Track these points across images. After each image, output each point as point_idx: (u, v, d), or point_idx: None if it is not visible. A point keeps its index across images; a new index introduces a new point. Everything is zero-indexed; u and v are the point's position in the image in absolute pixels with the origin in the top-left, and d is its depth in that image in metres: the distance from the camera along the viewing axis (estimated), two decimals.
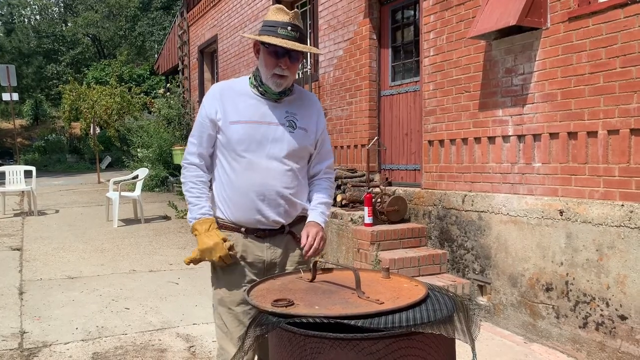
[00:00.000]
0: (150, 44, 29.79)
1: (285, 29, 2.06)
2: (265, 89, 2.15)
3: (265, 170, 2.13)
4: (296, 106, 2.22)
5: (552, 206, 3.83)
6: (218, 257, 2.08)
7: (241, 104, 2.16)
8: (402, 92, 5.92)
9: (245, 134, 2.12)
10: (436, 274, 4.78)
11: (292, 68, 2.12)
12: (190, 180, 2.20)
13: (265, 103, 2.17)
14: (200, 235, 2.09)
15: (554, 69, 3.87)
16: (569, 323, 3.71)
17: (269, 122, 2.15)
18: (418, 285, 1.79)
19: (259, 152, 2.12)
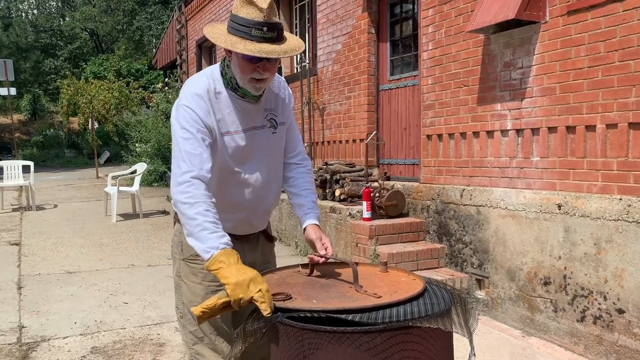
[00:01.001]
0: (148, 38, 29.70)
1: (260, 29, 1.76)
2: (244, 92, 1.92)
3: (257, 182, 1.98)
4: (271, 99, 2.04)
5: (550, 200, 3.83)
6: (258, 292, 1.56)
7: (227, 111, 1.91)
8: (400, 87, 5.91)
9: (237, 147, 1.92)
10: (434, 268, 4.79)
11: (271, 69, 1.87)
12: (203, 200, 1.75)
13: (247, 105, 1.95)
14: (228, 269, 1.62)
15: (552, 63, 3.86)
16: (567, 317, 3.72)
17: (253, 128, 1.96)
18: (416, 279, 1.79)
19: (251, 163, 1.96)
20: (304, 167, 2.15)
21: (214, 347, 2.04)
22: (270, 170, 2.03)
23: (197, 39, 12.73)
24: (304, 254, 6.25)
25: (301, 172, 2.14)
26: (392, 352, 1.39)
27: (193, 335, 2.06)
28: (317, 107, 7.27)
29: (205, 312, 1.61)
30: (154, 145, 13.20)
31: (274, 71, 1.89)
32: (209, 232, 1.70)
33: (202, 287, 2.02)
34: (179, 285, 2.12)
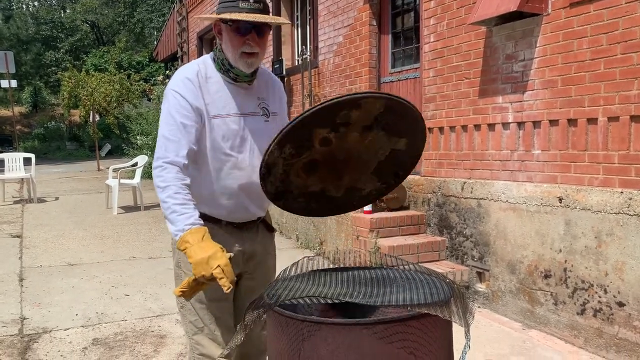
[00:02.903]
0: (149, 30, 29.64)
1: (247, 1, 1.85)
2: (237, 72, 1.94)
3: (250, 168, 1.99)
4: (263, 90, 2.07)
5: (551, 193, 3.83)
6: (217, 268, 1.65)
7: (218, 95, 1.95)
8: (402, 79, 5.89)
9: (228, 130, 1.94)
10: (435, 261, 4.80)
11: (261, 44, 1.92)
12: (173, 183, 1.82)
13: (239, 91, 1.98)
14: (192, 247, 1.71)
15: (554, 56, 3.84)
16: (567, 310, 3.73)
17: (247, 114, 1.98)
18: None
19: (243, 148, 1.98)
20: None
21: (213, 337, 2.06)
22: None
23: (198, 31, 12.70)
24: (304, 246, 6.26)
25: None
26: (391, 342, 1.39)
27: (193, 325, 2.08)
28: (318, 99, 7.26)
29: (184, 292, 1.73)
30: (155, 138, 13.18)
31: (263, 46, 1.94)
32: (177, 215, 1.78)
33: None
34: (179, 275, 2.14)
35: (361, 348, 1.39)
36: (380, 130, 1.84)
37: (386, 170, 1.99)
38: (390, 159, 1.95)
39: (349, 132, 1.79)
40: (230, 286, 1.65)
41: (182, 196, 1.81)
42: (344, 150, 1.85)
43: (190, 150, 1.88)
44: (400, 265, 1.89)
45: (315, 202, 2.01)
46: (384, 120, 1.80)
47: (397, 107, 1.78)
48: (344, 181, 1.98)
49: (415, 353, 1.42)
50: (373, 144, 1.87)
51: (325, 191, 1.99)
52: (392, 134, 1.87)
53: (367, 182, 2.02)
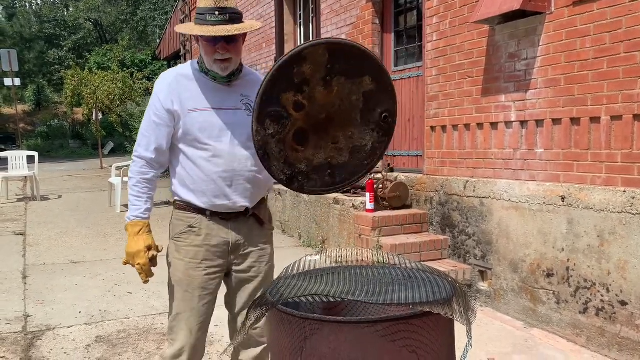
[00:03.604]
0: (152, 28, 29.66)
1: (213, 14, 1.99)
2: (214, 75, 2.11)
3: (230, 156, 2.09)
4: (248, 88, 2.16)
5: (554, 192, 3.83)
6: (137, 265, 2.04)
7: (197, 91, 2.10)
8: (404, 78, 5.89)
9: (205, 122, 2.08)
10: (438, 259, 4.80)
11: (233, 49, 2.06)
12: (135, 176, 2.12)
13: (221, 87, 2.13)
14: (129, 238, 2.06)
15: (557, 54, 3.84)
16: (570, 308, 3.73)
17: (227, 107, 2.11)
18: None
19: (222, 138, 2.09)
20: None
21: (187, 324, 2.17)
22: (247, 148, 2.10)
23: None
24: (307, 245, 6.27)
25: None
26: (393, 340, 1.40)
27: (171, 311, 2.22)
28: None
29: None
30: None
31: (236, 52, 2.07)
32: (130, 204, 2.10)
33: (183, 264, 2.16)
34: (169, 263, 2.24)
35: (363, 346, 1.40)
36: (340, 77, 1.88)
37: (372, 116, 2.02)
38: (368, 103, 1.98)
39: (314, 89, 1.87)
40: (147, 281, 2.06)
41: (138, 189, 2.10)
42: (321, 109, 1.93)
43: (159, 146, 2.10)
44: (402, 263, 1.90)
45: (329, 175, 2.05)
46: (336, 66, 1.86)
47: (339, 49, 1.85)
48: (341, 142, 2.02)
49: (418, 352, 1.43)
50: (342, 93, 1.92)
51: (331, 160, 2.03)
52: (353, 76, 1.91)
53: (364, 135, 2.05)
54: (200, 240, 2.15)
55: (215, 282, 2.21)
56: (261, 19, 9.22)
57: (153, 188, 2.15)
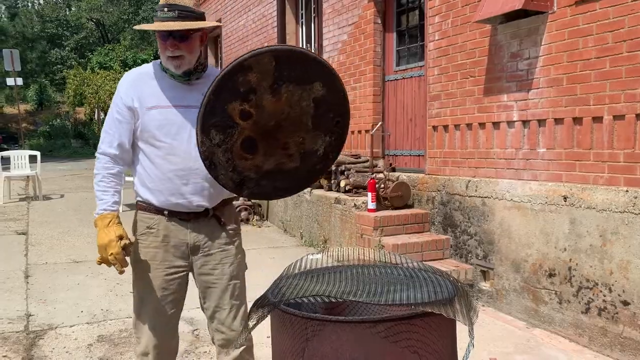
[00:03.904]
0: None
1: (162, 11, 2.02)
2: (171, 73, 2.12)
3: (186, 154, 2.09)
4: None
5: (556, 192, 3.82)
6: (110, 255, 2.02)
7: (157, 89, 2.12)
8: (406, 77, 5.88)
9: (164, 119, 2.09)
10: (439, 259, 4.79)
11: (185, 46, 2.06)
12: (100, 172, 2.14)
13: (181, 86, 2.13)
14: (99, 231, 2.06)
15: (559, 54, 3.83)
16: (572, 308, 3.72)
17: (186, 106, 2.10)
18: None
19: (179, 136, 2.09)
20: None
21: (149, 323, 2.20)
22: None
23: None
24: (308, 244, 6.27)
25: None
26: (395, 340, 1.40)
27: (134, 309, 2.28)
28: None
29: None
30: None
31: (189, 49, 2.06)
32: (97, 200, 2.11)
33: (143, 264, 2.19)
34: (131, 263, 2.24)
35: (365, 346, 1.40)
36: (289, 84, 1.86)
37: (324, 121, 1.99)
38: (319, 108, 1.95)
39: (261, 97, 1.86)
40: (122, 270, 2.04)
41: (104, 184, 2.12)
42: (270, 116, 1.91)
43: (122, 142, 2.13)
44: (404, 263, 1.90)
45: (279, 180, 2.05)
46: (284, 73, 1.84)
47: (287, 56, 1.84)
48: (292, 148, 2.00)
49: (419, 352, 1.43)
50: (292, 100, 1.90)
51: (281, 166, 2.01)
52: (302, 83, 1.89)
53: (315, 140, 2.02)
54: (158, 241, 2.16)
55: (177, 283, 2.21)
56: (263, 19, 9.22)
57: (119, 182, 2.16)
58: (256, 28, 9.55)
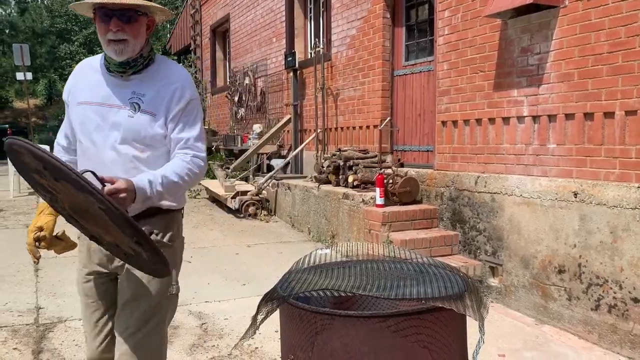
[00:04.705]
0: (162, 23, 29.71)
1: None
2: (109, 60, 1.91)
3: (96, 158, 1.91)
4: (148, 86, 1.93)
5: (567, 188, 3.79)
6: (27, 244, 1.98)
7: (91, 83, 1.96)
8: (415, 72, 5.85)
9: (85, 117, 1.93)
10: (448, 255, 4.78)
11: (130, 29, 1.84)
12: None
13: (113, 82, 1.93)
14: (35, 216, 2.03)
15: (571, 48, 3.79)
16: (581, 305, 3.70)
17: (110, 104, 1.91)
18: None
19: (94, 137, 1.92)
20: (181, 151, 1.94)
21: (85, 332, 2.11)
22: (120, 152, 1.90)
23: (211, 24, 12.70)
24: (316, 239, 6.27)
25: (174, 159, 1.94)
26: (404, 335, 1.39)
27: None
28: (330, 92, 7.24)
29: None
30: None
31: (134, 33, 1.86)
32: None
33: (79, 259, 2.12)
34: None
35: (375, 341, 1.39)
36: (67, 182, 1.55)
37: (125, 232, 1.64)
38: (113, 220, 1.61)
39: (49, 180, 1.61)
40: (35, 260, 2.00)
41: None
42: (71, 199, 1.66)
43: (67, 134, 2.08)
44: (413, 258, 1.89)
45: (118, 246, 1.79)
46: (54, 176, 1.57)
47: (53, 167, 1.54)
48: (108, 237, 1.75)
49: (429, 347, 1.42)
50: (80, 198, 1.59)
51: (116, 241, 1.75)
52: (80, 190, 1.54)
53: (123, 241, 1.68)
54: (84, 246, 2.04)
55: (100, 290, 2.03)
56: (271, 13, 9.20)
57: None
58: (264, 23, 9.54)
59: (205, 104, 13.56)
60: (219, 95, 12.49)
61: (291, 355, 1.53)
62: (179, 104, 1.92)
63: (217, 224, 7.24)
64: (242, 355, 3.31)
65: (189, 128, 1.95)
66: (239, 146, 9.96)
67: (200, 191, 9.43)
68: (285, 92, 8.74)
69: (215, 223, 7.31)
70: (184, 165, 1.90)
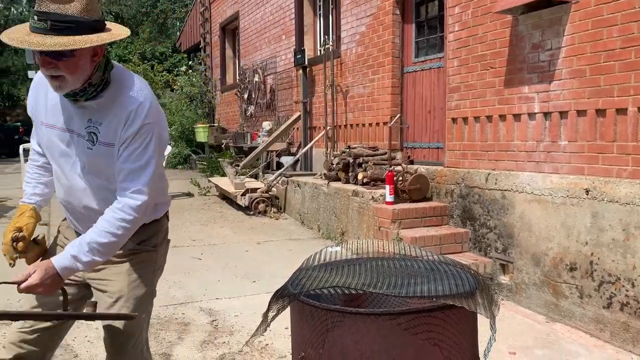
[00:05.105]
0: (172, 21, 29.79)
1: (33, 18, 1.58)
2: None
3: (66, 187, 1.88)
4: (104, 113, 1.75)
5: (578, 185, 3.76)
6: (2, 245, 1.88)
7: (48, 103, 1.83)
8: (425, 69, 5.83)
9: (49, 140, 1.85)
10: (458, 252, 4.76)
11: (64, 65, 1.61)
12: (29, 165, 2.04)
13: (69, 105, 1.77)
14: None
15: (583, 44, 3.76)
16: (593, 303, 3.67)
17: (72, 130, 1.78)
18: None
19: (62, 164, 1.85)
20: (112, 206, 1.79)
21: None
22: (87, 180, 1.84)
23: (220, 22, 12.73)
24: (326, 236, 6.27)
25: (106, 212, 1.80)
26: (415, 333, 1.39)
27: None
28: (340, 90, 7.23)
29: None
30: (178, 128, 13.31)
31: (69, 70, 1.63)
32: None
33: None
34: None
35: (386, 339, 1.39)
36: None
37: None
38: None
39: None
40: (11, 263, 1.85)
41: (28, 175, 2.01)
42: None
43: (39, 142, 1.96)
44: (424, 256, 1.88)
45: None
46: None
47: None
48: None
49: (440, 344, 1.42)
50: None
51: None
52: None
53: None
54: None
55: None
56: (280, 11, 9.20)
57: (47, 174, 2.00)
58: (274, 20, 9.54)
59: (215, 102, 13.61)
60: (228, 92, 12.52)
61: (302, 352, 1.53)
62: (129, 129, 1.72)
63: (227, 221, 7.26)
64: (252, 351, 3.32)
65: (134, 158, 1.74)
66: (248, 143, 9.98)
67: (210, 188, 9.46)
68: (295, 90, 8.75)
69: (225, 220, 7.34)
70: (114, 219, 1.74)
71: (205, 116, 13.60)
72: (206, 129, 12.30)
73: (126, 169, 1.75)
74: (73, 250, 1.71)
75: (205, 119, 13.41)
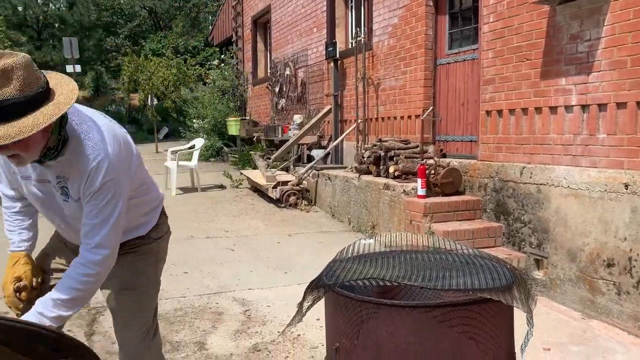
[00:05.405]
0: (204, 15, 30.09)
1: None
2: None
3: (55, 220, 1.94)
4: (68, 169, 1.74)
5: (617, 179, 3.67)
6: (5, 298, 1.87)
7: None
8: (459, 61, 5.76)
9: (28, 190, 1.85)
10: (491, 247, 4.71)
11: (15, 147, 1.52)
12: (4, 212, 1.98)
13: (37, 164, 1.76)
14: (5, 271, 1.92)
15: (623, 35, 3.65)
16: (631, 300, 3.59)
17: (48, 181, 1.79)
18: None
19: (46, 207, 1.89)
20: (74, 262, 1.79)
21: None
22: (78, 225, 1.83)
23: (252, 15, 12.80)
24: (356, 229, 6.28)
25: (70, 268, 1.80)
26: (451, 326, 1.39)
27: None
28: (371, 82, 7.20)
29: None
30: (211, 122, 13.47)
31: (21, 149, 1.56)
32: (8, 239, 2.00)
33: None
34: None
35: (421, 331, 1.40)
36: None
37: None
38: None
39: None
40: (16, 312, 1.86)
41: (9, 223, 2.00)
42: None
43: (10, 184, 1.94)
44: (458, 249, 1.88)
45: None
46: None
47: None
48: None
49: (476, 338, 1.41)
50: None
51: None
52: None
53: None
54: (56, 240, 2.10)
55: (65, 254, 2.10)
56: (312, 3, 9.19)
57: (26, 218, 2.01)
58: (305, 13, 9.54)
59: (247, 95, 13.70)
60: (259, 86, 12.60)
61: (336, 343, 1.55)
62: (90, 187, 1.72)
63: (258, 213, 7.34)
64: (284, 342, 3.36)
65: (95, 214, 1.74)
66: (279, 137, 10.03)
67: (242, 181, 9.56)
68: (326, 83, 8.74)
69: (256, 212, 7.41)
70: (78, 275, 1.74)
71: (236, 109, 13.72)
72: (238, 122, 12.41)
73: (88, 224, 1.75)
74: (39, 307, 1.69)
75: (236, 112, 13.53)
